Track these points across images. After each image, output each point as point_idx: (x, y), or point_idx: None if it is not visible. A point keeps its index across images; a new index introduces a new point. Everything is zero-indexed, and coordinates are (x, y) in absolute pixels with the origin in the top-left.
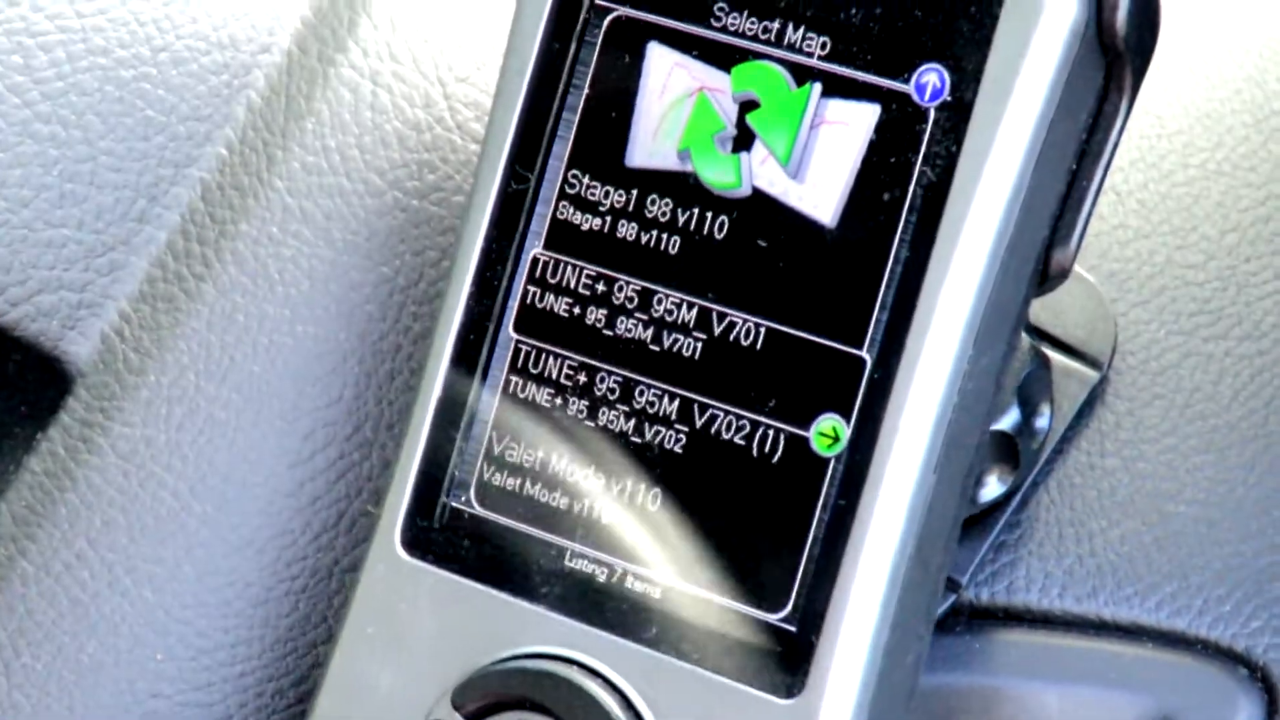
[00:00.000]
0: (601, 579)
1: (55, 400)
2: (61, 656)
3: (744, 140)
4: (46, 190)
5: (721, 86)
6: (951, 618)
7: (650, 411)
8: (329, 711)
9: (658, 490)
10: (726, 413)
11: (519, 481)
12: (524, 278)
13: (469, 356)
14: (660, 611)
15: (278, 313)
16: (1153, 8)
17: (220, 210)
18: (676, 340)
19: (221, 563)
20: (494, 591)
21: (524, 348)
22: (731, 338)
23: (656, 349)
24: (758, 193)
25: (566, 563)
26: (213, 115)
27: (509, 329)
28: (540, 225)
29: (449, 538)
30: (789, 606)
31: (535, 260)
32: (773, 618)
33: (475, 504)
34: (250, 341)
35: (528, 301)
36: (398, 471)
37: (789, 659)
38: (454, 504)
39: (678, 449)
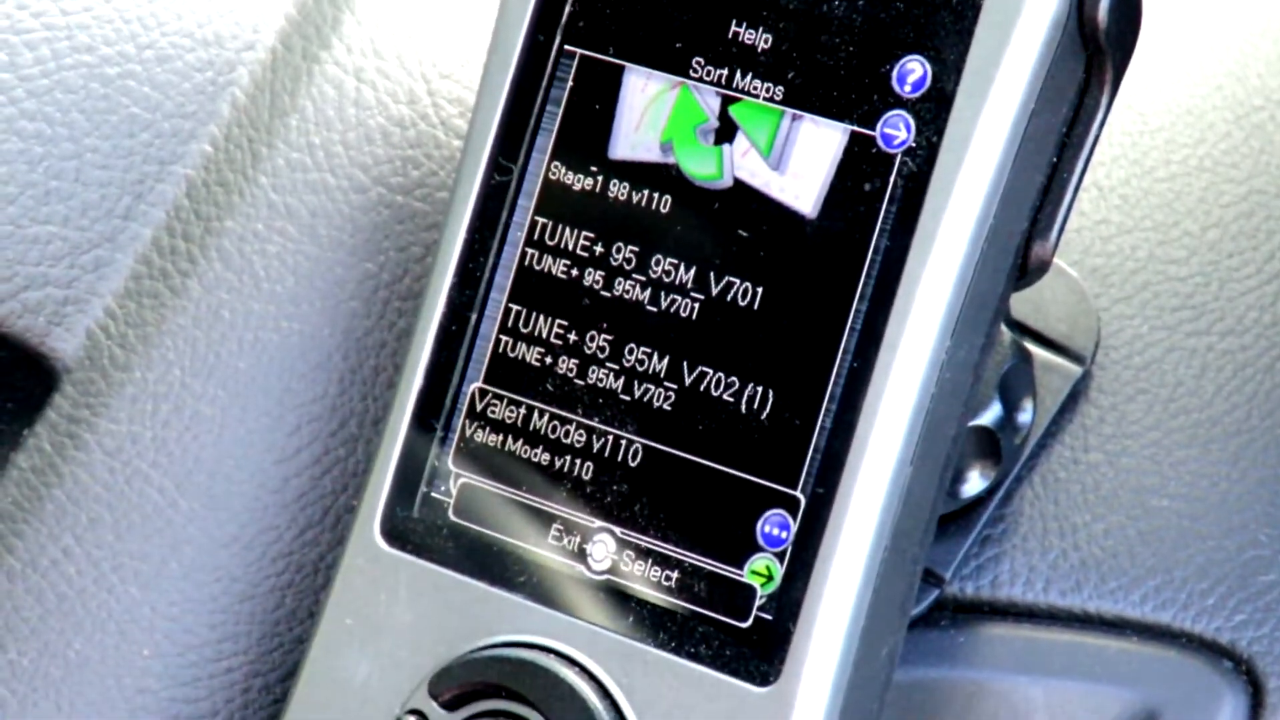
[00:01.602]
0: (579, 569)
1: (41, 396)
2: (48, 653)
3: (726, 132)
4: (32, 187)
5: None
6: (936, 612)
7: (636, 398)
8: (307, 702)
9: (635, 483)
10: (717, 378)
11: (498, 472)
12: (506, 274)
13: (449, 349)
14: (637, 600)
15: (263, 309)
16: (1133, 3)
17: (205, 207)
18: (674, 301)
19: (207, 559)
20: (472, 581)
21: (503, 341)
22: (719, 312)
23: (650, 313)
24: (739, 184)
25: (544, 552)
26: (198, 112)
27: (489, 325)
28: (523, 218)
29: (428, 528)
30: (765, 596)
31: (518, 255)
32: (749, 607)
33: (454, 494)
34: (236, 338)
35: (510, 295)
36: (377, 462)
37: (765, 648)
38: (433, 494)
39: (656, 441)
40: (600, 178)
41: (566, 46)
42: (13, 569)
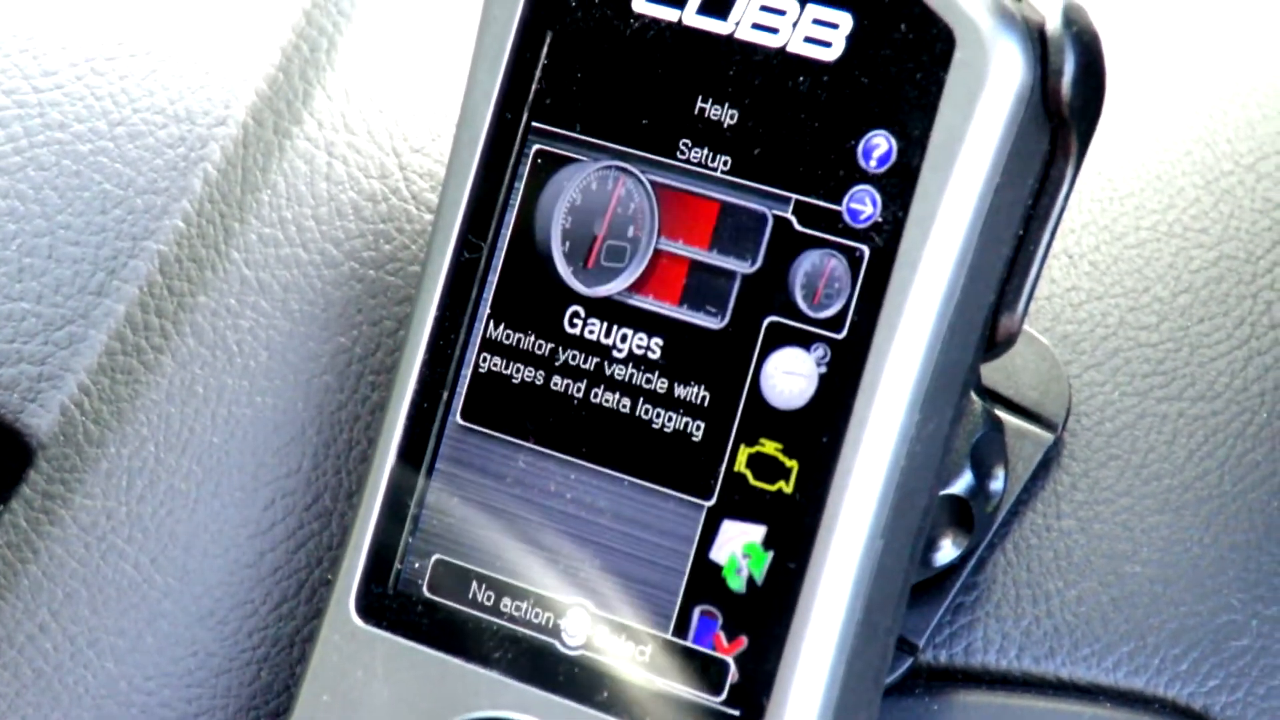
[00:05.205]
0: (553, 644)
1: (16, 472)
2: None
3: None
4: (5, 264)
5: None
6: (909, 680)
7: (606, 476)
8: None
9: (608, 559)
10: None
11: (471, 548)
12: (476, 348)
13: (422, 426)
14: (611, 675)
15: (236, 384)
16: (1097, 74)
17: (178, 283)
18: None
19: (183, 633)
20: (447, 657)
21: (474, 415)
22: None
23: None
24: None
25: (519, 628)
26: (169, 188)
27: (460, 399)
28: (492, 294)
29: (403, 605)
30: (738, 671)
31: (488, 333)
32: (722, 682)
33: (428, 571)
34: (209, 413)
35: (480, 370)
36: (352, 539)
37: None
38: (407, 571)
39: (627, 518)
40: None
41: (534, 124)
42: None
